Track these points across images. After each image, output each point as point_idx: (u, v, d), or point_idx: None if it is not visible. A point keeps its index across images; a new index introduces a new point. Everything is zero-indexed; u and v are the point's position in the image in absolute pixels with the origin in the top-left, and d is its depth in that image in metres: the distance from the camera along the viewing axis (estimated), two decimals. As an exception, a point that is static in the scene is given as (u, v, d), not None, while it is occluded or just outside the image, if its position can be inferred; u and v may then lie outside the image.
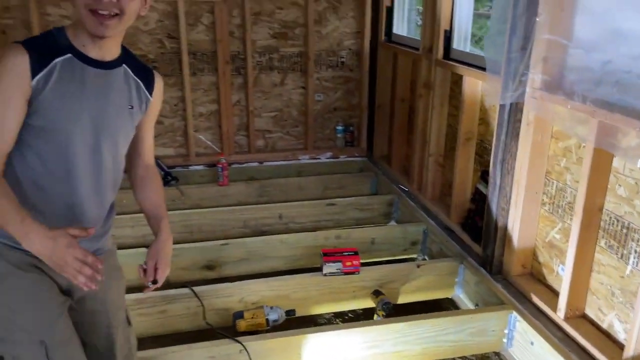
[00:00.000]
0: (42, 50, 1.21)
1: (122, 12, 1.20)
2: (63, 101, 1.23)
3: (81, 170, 1.29)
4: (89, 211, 1.33)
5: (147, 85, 1.39)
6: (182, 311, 2.19)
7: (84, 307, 1.40)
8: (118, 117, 1.33)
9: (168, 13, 3.36)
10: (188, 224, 2.96)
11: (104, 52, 1.27)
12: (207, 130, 3.67)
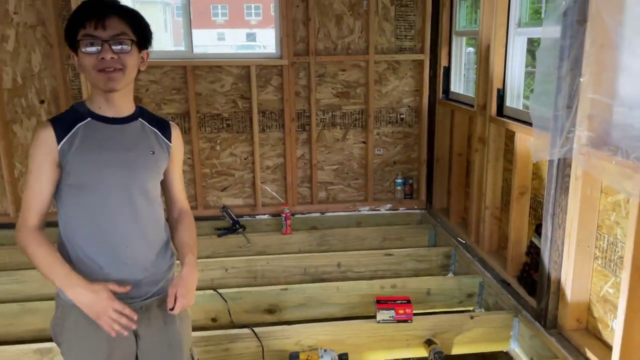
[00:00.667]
0: (64, 121, 1.42)
1: (124, 66, 1.38)
2: (88, 158, 1.40)
3: (120, 218, 1.45)
4: (138, 256, 1.48)
5: (164, 133, 1.54)
6: (243, 350, 2.34)
7: (149, 345, 1.53)
8: (142, 163, 1.48)
9: (242, 77, 3.71)
10: (252, 270, 3.15)
11: (118, 109, 1.45)
12: (273, 182, 3.92)
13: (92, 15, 1.35)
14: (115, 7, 1.40)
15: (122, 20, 1.38)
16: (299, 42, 3.70)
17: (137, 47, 1.42)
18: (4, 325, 2.61)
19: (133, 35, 1.40)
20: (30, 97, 3.53)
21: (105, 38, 1.35)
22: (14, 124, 3.56)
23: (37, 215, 1.42)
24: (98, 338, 1.44)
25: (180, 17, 3.65)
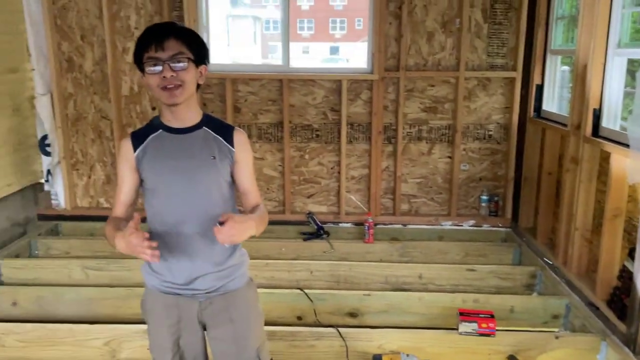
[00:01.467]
0: (140, 133, 1.64)
1: (183, 82, 1.53)
2: (156, 165, 1.60)
3: (183, 218, 1.60)
4: (201, 253, 1.61)
5: (227, 139, 1.64)
6: (327, 348, 2.47)
7: (216, 338, 1.68)
8: (203, 168, 1.60)
9: (333, 90, 3.88)
10: (335, 274, 3.28)
11: (182, 120, 1.61)
12: (357, 192, 4.05)
13: (152, 40, 1.52)
14: (172, 29, 1.56)
15: (179, 41, 1.53)
16: (390, 58, 3.82)
17: (194, 64, 1.56)
18: (114, 306, 2.90)
19: (190, 54, 1.54)
20: (144, 103, 3.91)
21: (165, 58, 1.51)
22: (128, 127, 3.94)
23: (121, 208, 1.65)
24: (167, 322, 1.65)
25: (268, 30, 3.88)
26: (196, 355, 1.70)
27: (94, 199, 4.08)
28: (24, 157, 3.80)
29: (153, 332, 1.70)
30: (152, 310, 1.69)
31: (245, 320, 1.69)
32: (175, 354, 1.67)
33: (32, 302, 2.93)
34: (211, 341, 1.70)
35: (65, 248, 3.66)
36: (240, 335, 1.67)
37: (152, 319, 1.70)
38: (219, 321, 1.66)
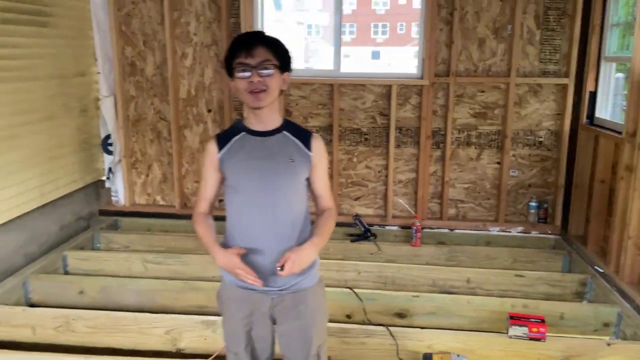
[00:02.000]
0: (225, 135, 1.76)
1: (268, 87, 1.64)
2: (238, 165, 1.70)
3: (260, 216, 1.69)
4: (274, 251, 1.69)
5: (306, 144, 1.74)
6: (378, 346, 2.54)
7: (283, 332, 1.78)
8: (281, 170, 1.69)
9: (382, 95, 3.95)
10: (383, 275, 3.35)
11: (265, 124, 1.72)
12: (404, 195, 4.10)
13: (243, 47, 1.64)
14: (261, 38, 1.68)
15: (266, 49, 1.65)
16: (440, 64, 3.86)
17: (279, 70, 1.67)
18: (172, 298, 3.06)
19: (276, 61, 1.65)
20: (200, 106, 4.08)
21: (253, 65, 1.62)
22: (185, 129, 4.12)
23: (204, 203, 1.79)
24: (241, 315, 1.75)
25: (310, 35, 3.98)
26: (265, 347, 1.80)
27: (151, 196, 4.28)
28: (89, 155, 4.03)
29: (228, 322, 1.81)
30: (228, 302, 1.80)
31: (312, 318, 1.77)
32: (247, 344, 1.77)
33: (97, 292, 3.12)
34: (279, 335, 1.80)
35: (124, 242, 3.87)
36: (306, 332, 1.76)
37: (227, 310, 1.81)
38: (288, 317, 1.75)
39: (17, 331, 2.74)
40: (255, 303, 1.74)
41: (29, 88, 3.32)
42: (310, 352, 1.77)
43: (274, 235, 1.71)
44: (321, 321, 1.82)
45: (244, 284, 1.71)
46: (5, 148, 3.12)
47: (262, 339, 1.79)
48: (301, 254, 1.64)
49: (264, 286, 1.69)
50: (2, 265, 3.18)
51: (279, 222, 1.71)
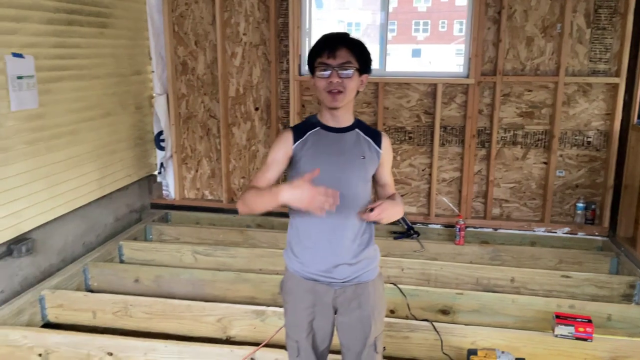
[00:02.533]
0: (300, 128, 1.80)
1: (345, 89, 1.70)
2: (314, 158, 1.75)
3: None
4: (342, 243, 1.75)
5: (376, 142, 1.82)
6: (422, 341, 2.58)
7: (343, 322, 1.84)
8: (353, 165, 1.76)
9: (427, 93, 3.98)
10: (426, 273, 3.38)
11: (339, 121, 1.78)
12: (447, 194, 4.12)
13: (326, 47, 1.71)
14: (344, 40, 1.72)
15: (349, 51, 1.70)
16: (487, 62, 3.86)
17: (359, 73, 1.72)
18: (223, 289, 3.19)
19: (356, 63, 1.70)
20: (248, 104, 4.20)
21: (334, 65, 1.68)
22: (233, 126, 4.26)
23: (258, 183, 1.77)
24: (304, 305, 1.81)
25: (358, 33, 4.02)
26: (325, 336, 1.87)
27: (200, 191, 4.44)
28: (142, 150, 4.22)
29: (290, 312, 1.87)
30: (292, 292, 1.85)
31: (372, 310, 1.82)
32: (309, 334, 1.83)
33: (151, 280, 3.27)
34: (339, 324, 1.85)
35: (175, 234, 4.03)
36: (365, 323, 1.82)
37: (291, 299, 1.86)
38: (349, 308, 1.80)
39: (79, 315, 2.92)
40: (319, 294, 1.80)
41: (89, 86, 3.51)
42: (368, 341, 1.82)
43: (342, 230, 1.76)
44: (380, 313, 1.87)
45: (309, 275, 1.78)
46: (68, 143, 3.31)
47: (323, 329, 1.84)
48: (392, 204, 1.71)
49: (329, 278, 1.76)
50: (64, 253, 3.38)
51: (349, 217, 1.75)
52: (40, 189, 3.08)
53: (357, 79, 1.73)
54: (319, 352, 1.87)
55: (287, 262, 1.88)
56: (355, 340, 1.84)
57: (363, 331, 1.82)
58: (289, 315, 1.88)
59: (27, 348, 2.54)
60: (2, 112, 2.76)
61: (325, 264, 1.77)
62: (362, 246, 1.81)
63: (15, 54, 2.82)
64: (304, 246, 1.80)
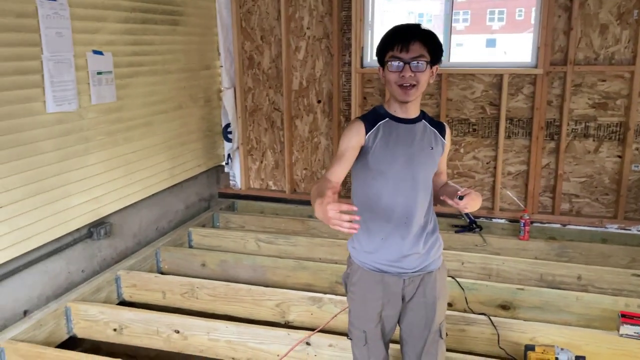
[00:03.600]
0: (370, 119, 1.79)
1: (418, 82, 1.69)
2: (385, 149, 1.75)
3: (400, 199, 1.77)
4: (409, 234, 1.78)
5: (441, 133, 1.86)
6: (478, 334, 2.56)
7: (409, 309, 1.87)
8: (422, 155, 1.79)
9: (493, 84, 3.88)
10: (487, 267, 3.33)
11: (407, 113, 1.78)
12: (513, 188, 4.01)
13: (399, 40, 1.69)
14: (418, 32, 1.70)
15: (422, 44, 1.68)
16: (557, 52, 3.71)
17: (430, 65, 1.71)
18: (284, 275, 3.30)
19: (428, 57, 1.69)
20: (311, 97, 4.29)
21: (406, 60, 1.67)
22: (296, 118, 4.36)
23: (333, 175, 1.72)
24: (373, 297, 1.84)
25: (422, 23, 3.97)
26: (393, 325, 1.91)
27: (264, 181, 4.58)
28: (211, 142, 4.42)
29: (358, 303, 1.88)
30: (359, 284, 1.86)
31: (437, 297, 1.86)
32: (378, 324, 1.86)
33: (216, 265, 3.45)
34: (404, 312, 1.88)
35: (240, 222, 4.20)
36: (429, 310, 1.85)
37: (358, 291, 1.87)
38: (416, 296, 1.84)
39: (150, 294, 3.14)
40: (389, 285, 1.83)
41: (162, 81, 3.73)
42: (433, 327, 1.86)
43: (412, 219, 1.79)
44: (443, 301, 1.91)
45: (378, 266, 1.82)
46: (143, 134, 3.54)
47: (391, 319, 1.88)
48: (477, 195, 1.71)
49: (398, 268, 1.80)
50: (139, 236, 3.63)
51: (418, 206, 1.79)
52: (118, 176, 3.32)
53: (429, 71, 1.71)
54: (386, 341, 1.92)
55: (353, 254, 1.89)
56: (420, 327, 1.87)
57: (427, 318, 1.86)
58: (357, 307, 1.89)
59: (104, 323, 2.77)
60: (83, 105, 3.00)
61: (394, 254, 1.80)
62: (429, 235, 1.85)
63: (96, 51, 3.05)
64: (374, 237, 1.81)
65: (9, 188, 2.56)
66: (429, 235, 1.84)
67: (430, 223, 1.85)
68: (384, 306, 1.85)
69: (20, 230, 2.65)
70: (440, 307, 1.88)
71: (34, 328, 2.60)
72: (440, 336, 1.88)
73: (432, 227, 1.86)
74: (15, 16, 2.54)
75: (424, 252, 1.83)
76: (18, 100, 2.59)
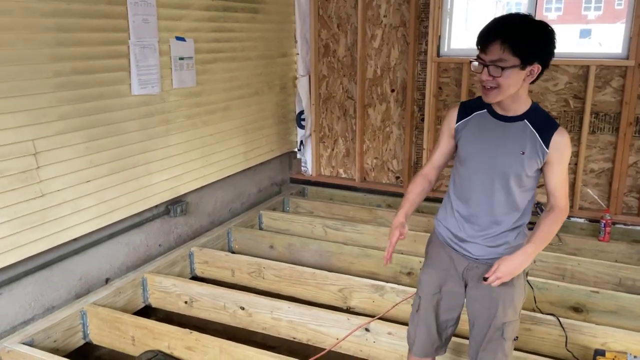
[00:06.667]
0: (468, 106, 1.79)
1: (499, 86, 1.61)
2: (471, 139, 1.75)
3: (476, 193, 1.78)
4: (480, 225, 1.79)
5: (544, 138, 1.66)
6: (545, 335, 2.47)
7: (472, 297, 1.86)
8: (509, 159, 1.69)
9: (578, 76, 3.67)
10: (561, 267, 3.18)
11: (505, 110, 1.71)
12: (594, 186, 3.78)
13: (479, 39, 1.64)
14: (499, 33, 1.59)
15: (503, 46, 1.57)
16: (653, 42, 3.44)
17: (519, 67, 1.58)
18: (348, 262, 3.33)
19: (513, 59, 1.57)
20: (385, 86, 4.26)
21: (486, 62, 1.61)
22: (369, 107, 4.36)
23: (429, 166, 1.93)
24: (438, 266, 1.90)
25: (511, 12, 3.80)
26: (451, 307, 1.90)
27: (335, 169, 4.63)
28: (285, 128, 4.51)
29: (426, 268, 1.95)
30: (431, 252, 1.95)
31: (501, 293, 1.78)
32: (436, 294, 1.89)
33: (284, 247, 3.54)
34: (467, 297, 1.88)
35: (309, 208, 4.28)
36: (493, 303, 1.80)
37: (429, 257, 1.96)
38: (479, 284, 1.81)
39: (220, 272, 3.28)
40: (453, 260, 1.86)
41: (240, 67, 3.85)
42: (493, 322, 1.80)
43: (488, 215, 1.78)
44: (511, 300, 1.80)
45: (448, 240, 1.87)
46: (221, 118, 3.69)
47: (451, 297, 1.88)
48: (511, 264, 1.65)
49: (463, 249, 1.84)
50: (213, 216, 3.80)
51: (495, 205, 1.75)
52: (196, 157, 3.49)
53: (517, 73, 1.59)
54: (439, 320, 1.90)
55: (435, 224, 1.96)
56: (481, 318, 1.84)
57: (489, 310, 1.81)
58: (424, 271, 1.95)
59: (176, 295, 2.94)
60: (166, 89, 3.17)
61: (461, 237, 1.83)
62: (506, 234, 1.79)
63: (179, 37, 3.21)
64: (451, 216, 1.86)
65: (96, 164, 2.77)
66: (506, 234, 1.79)
67: (512, 223, 1.77)
68: (446, 279, 1.87)
69: (105, 204, 2.86)
70: (506, 305, 1.80)
71: (114, 295, 2.81)
72: (503, 336, 1.81)
73: (512, 228, 1.78)
74: (106, 3, 2.73)
75: (494, 246, 1.80)
76: (107, 82, 2.79)
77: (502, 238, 1.80)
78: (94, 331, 2.65)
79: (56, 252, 2.66)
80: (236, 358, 2.33)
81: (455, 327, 1.96)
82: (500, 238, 1.80)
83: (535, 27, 1.61)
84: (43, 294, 2.62)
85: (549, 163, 1.69)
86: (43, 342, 2.44)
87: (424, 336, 1.91)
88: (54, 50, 2.49)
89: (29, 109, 2.41)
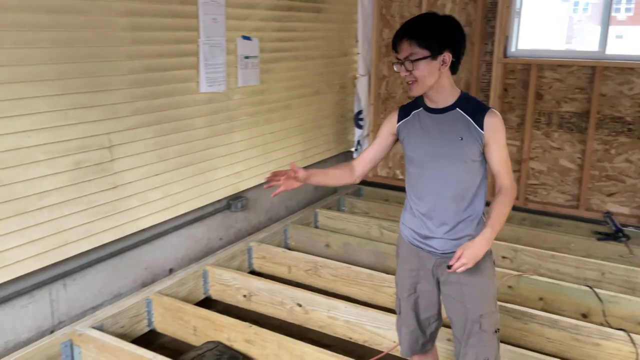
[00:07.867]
0: (407, 108, 1.88)
1: (417, 79, 1.72)
2: (412, 137, 1.83)
3: (429, 187, 1.81)
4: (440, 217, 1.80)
5: (478, 122, 1.74)
6: (614, 351, 2.36)
7: (446, 294, 1.88)
8: (449, 148, 1.76)
9: (657, 79, 3.48)
10: (632, 281, 3.02)
11: (435, 102, 1.79)
12: (671, 197, 3.57)
13: (393, 42, 1.76)
14: (406, 32, 1.72)
15: (410, 42, 1.70)
16: None
17: (430, 58, 1.69)
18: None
19: (421, 52, 1.69)
20: (447, 86, 4.18)
21: (401, 60, 1.74)
22: (430, 108, 4.29)
23: (359, 159, 1.99)
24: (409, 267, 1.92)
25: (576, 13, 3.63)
26: (429, 304, 1.93)
27: (392, 170, 4.59)
28: (343, 127, 4.52)
29: (399, 271, 1.99)
30: (401, 253, 1.99)
31: (473, 286, 1.82)
32: (411, 294, 1.93)
33: (339, 246, 3.55)
34: (442, 296, 1.92)
35: (365, 208, 4.26)
36: (466, 298, 1.83)
37: (399, 261, 2.00)
38: (449, 280, 1.84)
39: (277, 267, 3.33)
40: (422, 259, 1.89)
41: (303, 66, 3.88)
42: (469, 316, 1.83)
43: (442, 206, 1.81)
44: (483, 290, 1.84)
45: (413, 240, 1.89)
46: (282, 117, 3.73)
47: (426, 295, 1.92)
48: (473, 248, 1.69)
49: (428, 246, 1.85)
50: (270, 212, 3.85)
51: (446, 195, 1.80)
52: (257, 154, 3.55)
53: (430, 64, 1.70)
54: (420, 318, 1.95)
55: (401, 227, 1.99)
56: (457, 313, 1.87)
57: (462, 304, 1.84)
58: (397, 274, 2.00)
59: (235, 288, 3.00)
60: (231, 87, 3.24)
61: (424, 234, 1.85)
62: (465, 224, 1.81)
63: (245, 36, 3.27)
64: (412, 215, 1.90)
65: (164, 158, 2.87)
66: (466, 225, 1.81)
67: (469, 212, 1.81)
68: (419, 279, 1.90)
69: (171, 197, 2.95)
70: (479, 298, 1.83)
71: (177, 285, 2.90)
72: (481, 328, 1.82)
73: (471, 217, 1.82)
74: (179, 3, 2.82)
75: (456, 239, 1.81)
76: (177, 80, 2.88)
77: (463, 231, 1.82)
78: (158, 319, 2.74)
79: (125, 242, 2.78)
80: (294, 354, 2.35)
81: (439, 322, 2.00)
82: (460, 231, 1.82)
83: (438, 20, 1.75)
84: (112, 281, 2.74)
85: (487, 145, 1.76)
86: (111, 327, 2.55)
87: (407, 336, 1.98)
88: (129, 48, 2.59)
89: (104, 104, 2.52)
